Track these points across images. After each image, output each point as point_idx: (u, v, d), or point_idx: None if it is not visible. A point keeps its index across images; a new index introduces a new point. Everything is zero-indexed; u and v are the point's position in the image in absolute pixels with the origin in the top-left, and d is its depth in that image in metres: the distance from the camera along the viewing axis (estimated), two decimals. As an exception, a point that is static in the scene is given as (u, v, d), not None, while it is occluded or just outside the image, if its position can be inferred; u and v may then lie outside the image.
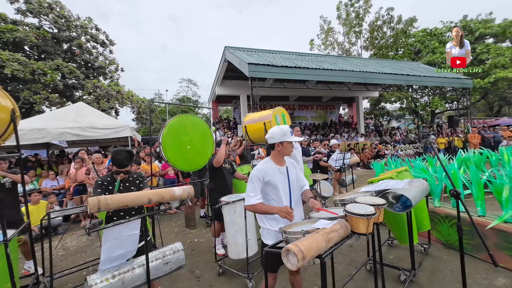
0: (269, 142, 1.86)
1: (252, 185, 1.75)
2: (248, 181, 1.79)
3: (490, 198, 3.14)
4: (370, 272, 2.61)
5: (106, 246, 1.67)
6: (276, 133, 1.81)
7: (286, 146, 1.81)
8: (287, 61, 9.95)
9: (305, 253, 1.18)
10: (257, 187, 1.74)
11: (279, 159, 1.87)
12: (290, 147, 1.85)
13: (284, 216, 1.61)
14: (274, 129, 1.84)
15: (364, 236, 1.57)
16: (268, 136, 1.86)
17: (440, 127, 16.84)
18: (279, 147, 1.82)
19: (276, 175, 1.80)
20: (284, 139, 1.79)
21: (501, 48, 17.39)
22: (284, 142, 1.80)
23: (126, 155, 2.05)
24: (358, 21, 23.64)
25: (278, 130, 1.81)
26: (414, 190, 2.09)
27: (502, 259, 2.54)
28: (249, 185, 1.77)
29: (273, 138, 1.82)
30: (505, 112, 25.90)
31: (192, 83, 34.13)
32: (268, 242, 1.77)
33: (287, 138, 1.80)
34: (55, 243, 3.88)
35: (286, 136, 1.80)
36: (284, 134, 1.80)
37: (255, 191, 1.73)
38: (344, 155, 5.13)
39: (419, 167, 4.42)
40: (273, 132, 1.83)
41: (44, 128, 5.37)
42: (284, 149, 1.82)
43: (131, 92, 12.80)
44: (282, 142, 1.80)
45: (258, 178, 1.75)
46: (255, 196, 1.72)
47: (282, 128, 1.82)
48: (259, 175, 1.76)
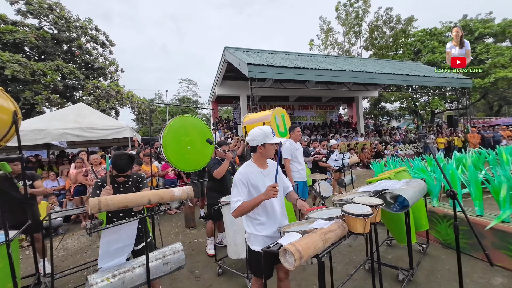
0: (250, 144, 1.78)
1: (236, 189, 1.66)
2: (232, 186, 1.71)
3: (488, 197, 3.16)
4: (368, 271, 2.63)
5: (104, 240, 1.71)
6: (257, 135, 1.73)
7: (268, 148, 1.75)
8: (287, 62, 9.97)
9: (302, 253, 1.20)
10: (241, 191, 1.65)
11: (262, 161, 1.81)
12: (273, 149, 1.78)
13: (271, 193, 1.54)
14: (255, 131, 1.75)
15: (362, 236, 1.60)
16: (249, 138, 1.77)
17: (440, 127, 16.85)
18: (261, 149, 1.75)
19: (260, 179, 1.73)
20: (266, 141, 1.72)
21: (500, 48, 17.41)
22: (266, 144, 1.73)
23: (126, 161, 2.08)
24: (358, 21, 23.69)
25: (260, 131, 1.73)
26: (411, 190, 2.11)
27: (500, 258, 2.56)
28: (233, 191, 1.68)
29: (254, 140, 1.74)
30: (505, 111, 25.91)
31: (192, 83, 34.19)
32: (255, 248, 1.70)
33: (269, 139, 1.72)
34: (55, 244, 3.90)
35: (267, 137, 1.72)
36: (266, 136, 1.72)
37: (238, 195, 1.64)
38: (343, 155, 5.15)
39: (417, 167, 4.44)
40: (254, 134, 1.74)
41: (44, 129, 5.39)
42: (266, 151, 1.76)
43: (131, 92, 12.82)
44: (264, 144, 1.73)
45: (241, 181, 1.67)
46: (239, 200, 1.62)
47: (263, 129, 1.73)
48: (242, 178, 1.68)
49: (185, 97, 32.35)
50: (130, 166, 2.11)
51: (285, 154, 3.67)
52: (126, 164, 2.07)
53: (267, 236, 1.71)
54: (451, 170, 3.33)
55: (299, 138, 3.88)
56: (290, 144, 3.71)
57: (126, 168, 2.07)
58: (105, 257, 1.73)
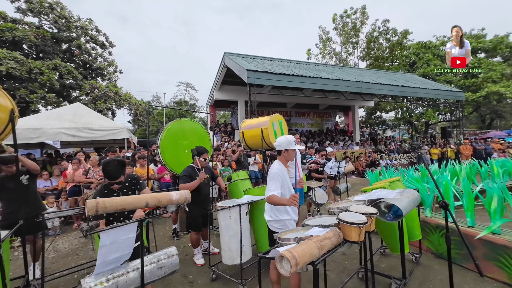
0: (276, 148, 2.27)
1: (273, 181, 2.10)
2: (270, 179, 2.13)
3: (480, 209, 3.22)
4: (362, 280, 2.64)
5: (102, 250, 1.66)
6: (283, 141, 2.21)
7: (291, 153, 2.22)
8: (285, 69, 10.11)
9: (298, 260, 1.22)
10: (277, 183, 2.09)
11: (285, 162, 2.27)
12: (294, 154, 2.26)
13: (292, 202, 1.92)
14: (282, 138, 2.24)
15: (356, 244, 1.62)
16: (276, 144, 2.26)
17: (434, 138, 17.16)
18: (285, 154, 2.22)
19: (285, 175, 2.20)
20: (289, 147, 2.19)
21: (492, 63, 17.96)
22: (289, 150, 2.20)
23: (116, 167, 1.99)
24: (355, 32, 24.22)
25: (285, 139, 2.21)
26: (405, 200, 2.15)
27: (490, 269, 2.60)
28: (270, 182, 2.11)
29: (280, 146, 2.22)
30: (497, 125, 26.54)
31: (190, 86, 34.27)
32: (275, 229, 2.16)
33: (291, 146, 2.19)
34: (46, 245, 3.82)
35: (291, 144, 2.19)
36: (289, 143, 2.19)
37: (275, 186, 2.08)
38: (339, 163, 5.20)
39: (411, 177, 4.51)
40: (280, 141, 2.23)
41: (40, 128, 5.33)
42: (288, 155, 2.23)
43: (129, 94, 12.80)
44: (287, 149, 2.19)
45: (279, 176, 2.11)
46: (275, 190, 2.06)
47: (288, 138, 2.23)
48: (279, 173, 2.13)
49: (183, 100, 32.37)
50: (121, 172, 2.03)
51: None
52: (116, 171, 1.98)
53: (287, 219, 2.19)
54: (445, 181, 3.39)
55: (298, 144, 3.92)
56: None
57: (117, 175, 1.99)
58: (103, 267, 1.70)
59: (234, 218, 2.69)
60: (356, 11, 23.84)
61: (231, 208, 2.72)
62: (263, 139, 4.52)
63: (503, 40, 19.01)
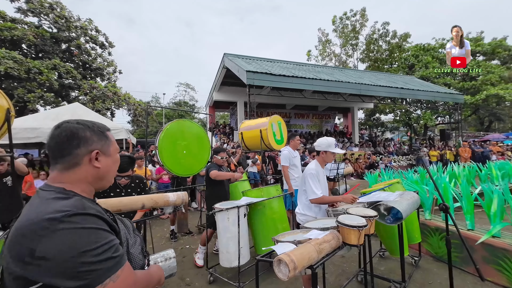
0: (316, 149, 2.33)
1: (313, 182, 2.15)
2: (309, 179, 2.17)
3: (479, 211, 3.21)
4: (361, 283, 2.62)
5: None
6: (323, 142, 2.27)
7: (329, 155, 2.27)
8: (285, 70, 10.11)
9: (296, 264, 1.19)
10: (318, 183, 2.15)
11: (322, 163, 2.34)
12: (332, 156, 2.30)
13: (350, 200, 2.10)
14: (322, 139, 2.30)
15: (355, 247, 1.60)
16: (316, 144, 2.34)
17: (432, 140, 17.18)
18: (323, 154, 2.29)
19: (322, 175, 2.28)
20: (328, 149, 2.24)
21: (490, 66, 18.04)
22: (328, 152, 2.25)
23: (127, 160, 2.07)
24: (354, 34, 24.30)
25: (325, 141, 2.26)
26: (405, 202, 2.13)
27: (490, 273, 2.58)
28: (311, 182, 2.15)
29: (320, 146, 2.28)
30: (495, 127, 26.63)
31: (189, 87, 34.27)
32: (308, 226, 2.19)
33: (331, 149, 2.23)
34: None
35: (330, 147, 2.23)
36: (329, 145, 2.23)
37: (317, 186, 2.14)
38: (338, 165, 5.18)
39: (411, 179, 4.50)
40: (321, 141, 2.29)
41: (37, 128, 5.29)
42: (327, 157, 2.29)
43: (128, 94, 12.76)
44: (326, 151, 2.25)
45: (315, 176, 2.17)
46: (319, 190, 2.13)
47: (329, 140, 2.27)
48: (316, 173, 2.19)
49: (182, 101, 32.36)
50: (131, 166, 2.11)
51: (283, 161, 3.68)
52: (127, 163, 2.07)
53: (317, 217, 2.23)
54: (443, 184, 3.38)
55: (298, 146, 3.92)
56: (288, 151, 3.74)
57: (127, 167, 2.07)
58: None
59: (232, 220, 2.66)
60: (356, 13, 23.94)
61: (229, 210, 2.68)
62: (262, 140, 4.50)
63: (501, 44, 19.12)
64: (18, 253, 0.57)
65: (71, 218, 0.60)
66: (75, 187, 0.71)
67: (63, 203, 0.63)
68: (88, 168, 0.74)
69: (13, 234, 0.59)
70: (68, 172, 0.72)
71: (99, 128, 0.77)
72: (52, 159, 0.72)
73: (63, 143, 0.71)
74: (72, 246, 0.57)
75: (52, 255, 0.56)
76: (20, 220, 0.61)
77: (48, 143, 0.72)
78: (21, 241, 0.57)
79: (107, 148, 0.78)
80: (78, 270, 0.57)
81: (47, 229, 0.57)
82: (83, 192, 0.73)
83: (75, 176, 0.72)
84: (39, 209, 0.62)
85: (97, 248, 0.60)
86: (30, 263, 0.56)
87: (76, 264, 0.57)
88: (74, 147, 0.71)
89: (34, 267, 0.56)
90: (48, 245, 0.56)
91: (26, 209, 0.65)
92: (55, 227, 0.58)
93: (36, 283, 0.57)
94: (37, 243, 0.56)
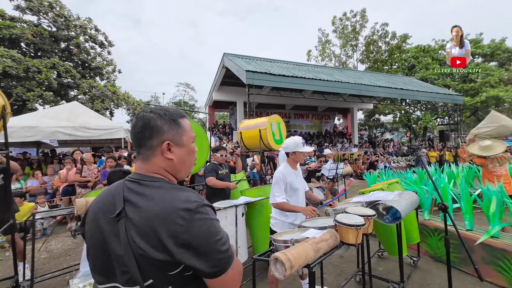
0: (284, 151, 2.25)
1: (277, 186, 2.06)
2: (274, 183, 2.10)
3: (478, 212, 3.20)
4: (359, 283, 2.60)
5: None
6: (290, 143, 2.18)
7: (298, 155, 2.18)
8: (285, 70, 10.10)
9: (293, 262, 1.18)
10: (282, 188, 2.06)
11: (293, 165, 2.23)
12: (302, 156, 2.22)
13: (309, 213, 1.95)
14: (288, 140, 2.20)
15: (353, 246, 1.58)
16: (284, 146, 2.24)
17: (432, 141, 17.19)
18: (292, 156, 2.19)
19: (293, 178, 2.17)
20: (296, 149, 2.15)
21: (490, 68, 18.06)
22: (296, 152, 2.17)
23: (121, 176, 2.04)
24: (354, 34, 24.31)
25: (292, 141, 2.17)
26: (404, 202, 2.12)
27: (489, 273, 2.56)
28: (275, 187, 2.08)
29: (287, 148, 2.19)
30: (494, 128, 26.60)
31: (189, 87, 34.22)
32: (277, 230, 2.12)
33: (299, 148, 2.15)
34: (38, 245, 3.74)
35: (298, 147, 2.15)
36: (297, 145, 2.15)
37: (280, 191, 2.05)
38: (337, 165, 5.17)
39: (409, 179, 4.48)
40: (287, 143, 2.20)
41: (35, 126, 5.26)
42: (296, 157, 2.19)
43: (127, 93, 12.72)
44: (295, 151, 2.16)
45: (282, 180, 2.07)
46: (280, 195, 2.03)
47: (295, 139, 2.18)
48: (282, 177, 2.09)
49: (182, 101, 32.31)
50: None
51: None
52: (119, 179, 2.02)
53: (290, 223, 2.14)
54: (443, 184, 3.37)
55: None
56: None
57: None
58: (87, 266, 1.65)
59: (230, 219, 2.64)
60: (356, 14, 23.95)
61: (227, 209, 2.67)
62: (261, 140, 4.49)
63: (500, 45, 19.15)
64: (160, 240, 0.60)
65: (202, 208, 0.65)
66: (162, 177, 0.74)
67: (186, 194, 0.68)
68: (163, 159, 0.73)
69: (144, 224, 0.62)
70: (149, 163, 0.73)
71: (171, 116, 0.75)
72: (135, 148, 0.75)
73: (138, 133, 0.72)
74: (209, 234, 0.63)
75: (196, 243, 0.62)
76: (145, 210, 0.63)
77: (130, 133, 0.76)
78: (160, 230, 0.61)
79: (180, 138, 0.75)
80: (216, 257, 0.63)
81: (185, 218, 0.62)
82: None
83: (155, 167, 0.73)
84: (165, 199, 0.65)
85: (222, 238, 0.66)
86: (173, 250, 0.60)
87: (215, 251, 0.63)
88: (147, 138, 0.71)
89: (180, 252, 0.61)
90: (191, 232, 0.61)
91: (135, 198, 0.67)
92: (193, 217, 0.63)
93: (179, 266, 0.62)
94: (180, 232, 0.61)
